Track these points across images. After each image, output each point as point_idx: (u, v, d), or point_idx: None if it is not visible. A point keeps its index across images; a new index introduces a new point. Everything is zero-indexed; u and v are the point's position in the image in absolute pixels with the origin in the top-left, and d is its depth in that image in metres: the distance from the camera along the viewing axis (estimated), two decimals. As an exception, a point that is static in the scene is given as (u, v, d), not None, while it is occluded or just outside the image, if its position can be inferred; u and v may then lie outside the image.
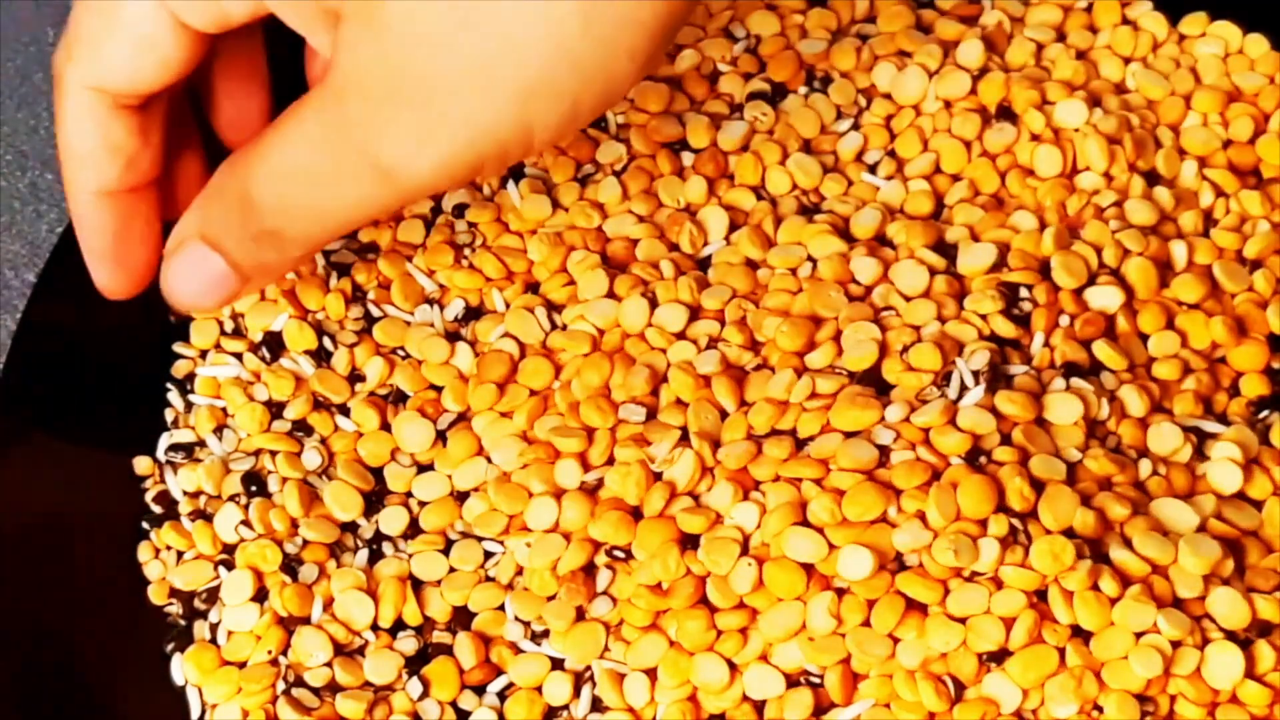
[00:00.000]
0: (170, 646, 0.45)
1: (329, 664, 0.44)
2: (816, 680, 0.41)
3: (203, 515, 0.46)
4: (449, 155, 0.39)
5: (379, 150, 0.39)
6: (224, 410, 0.48)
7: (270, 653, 0.44)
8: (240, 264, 0.42)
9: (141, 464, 0.47)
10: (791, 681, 0.42)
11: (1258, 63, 0.53)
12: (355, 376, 0.48)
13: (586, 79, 0.38)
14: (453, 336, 0.48)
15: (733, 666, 0.42)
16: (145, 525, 0.46)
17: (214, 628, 0.45)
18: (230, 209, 0.41)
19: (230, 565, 0.45)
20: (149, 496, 0.47)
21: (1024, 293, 0.46)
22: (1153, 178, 0.50)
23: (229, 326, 0.49)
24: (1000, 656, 0.41)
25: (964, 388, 0.44)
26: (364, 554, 0.45)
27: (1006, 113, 0.50)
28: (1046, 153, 0.49)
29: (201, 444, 0.48)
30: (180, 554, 0.46)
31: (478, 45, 0.38)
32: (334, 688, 0.44)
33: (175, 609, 0.45)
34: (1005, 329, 0.45)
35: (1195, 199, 0.49)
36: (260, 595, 0.45)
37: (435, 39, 0.38)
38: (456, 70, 0.38)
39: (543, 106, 0.38)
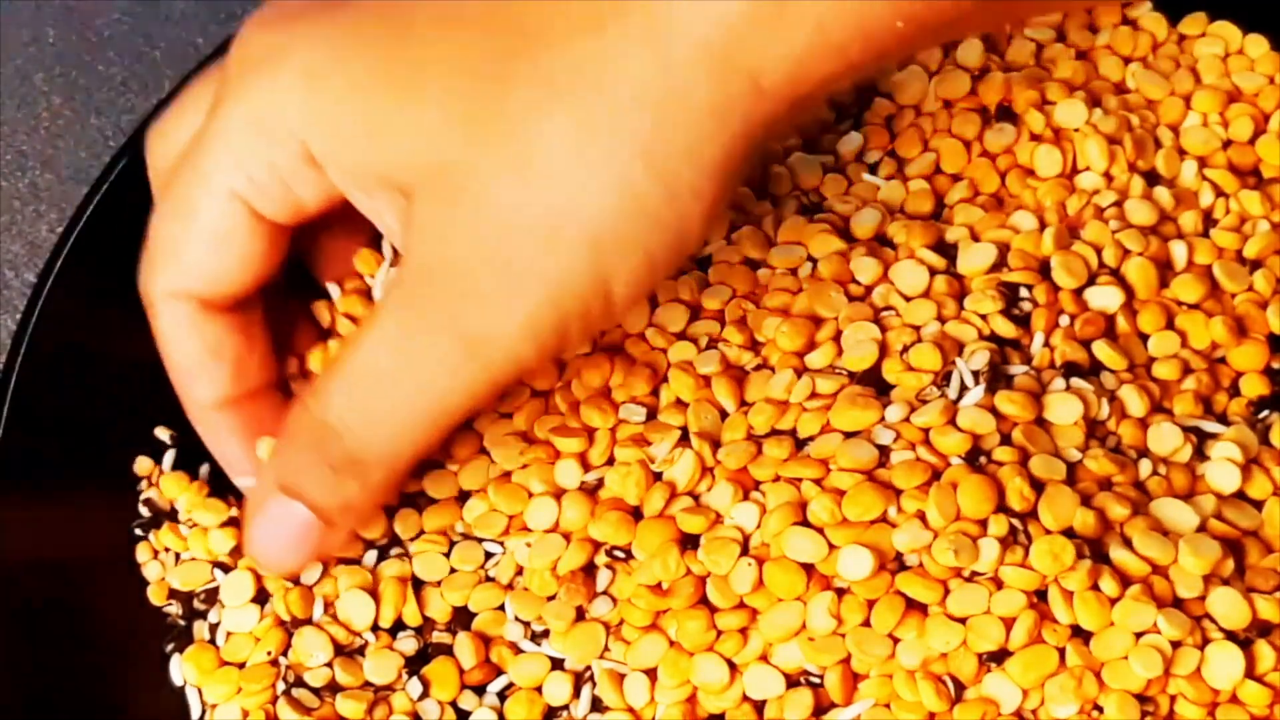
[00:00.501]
0: (170, 646, 0.45)
1: (329, 664, 0.44)
2: (816, 680, 0.41)
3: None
4: (533, 316, 0.38)
5: (466, 322, 0.38)
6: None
7: (270, 653, 0.44)
8: (322, 505, 0.41)
9: (143, 464, 0.47)
10: (791, 681, 0.42)
11: (1258, 63, 0.53)
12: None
13: (656, 225, 0.38)
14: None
15: (733, 666, 0.42)
16: (139, 531, 0.46)
17: (213, 628, 0.45)
18: (305, 445, 0.40)
19: (228, 568, 0.45)
20: (145, 497, 0.47)
21: (1024, 293, 0.46)
22: (1153, 178, 0.50)
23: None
24: (1000, 656, 0.40)
25: (964, 388, 0.44)
26: (372, 555, 0.45)
27: (1006, 113, 0.50)
28: (1046, 153, 0.49)
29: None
30: (178, 555, 0.46)
31: (546, 201, 0.37)
32: (334, 688, 0.44)
33: (175, 609, 0.45)
34: (1005, 329, 0.45)
35: (1195, 199, 0.49)
36: (260, 596, 0.45)
37: (506, 200, 0.37)
38: (529, 228, 0.37)
39: (615, 256, 0.38)
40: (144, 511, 0.47)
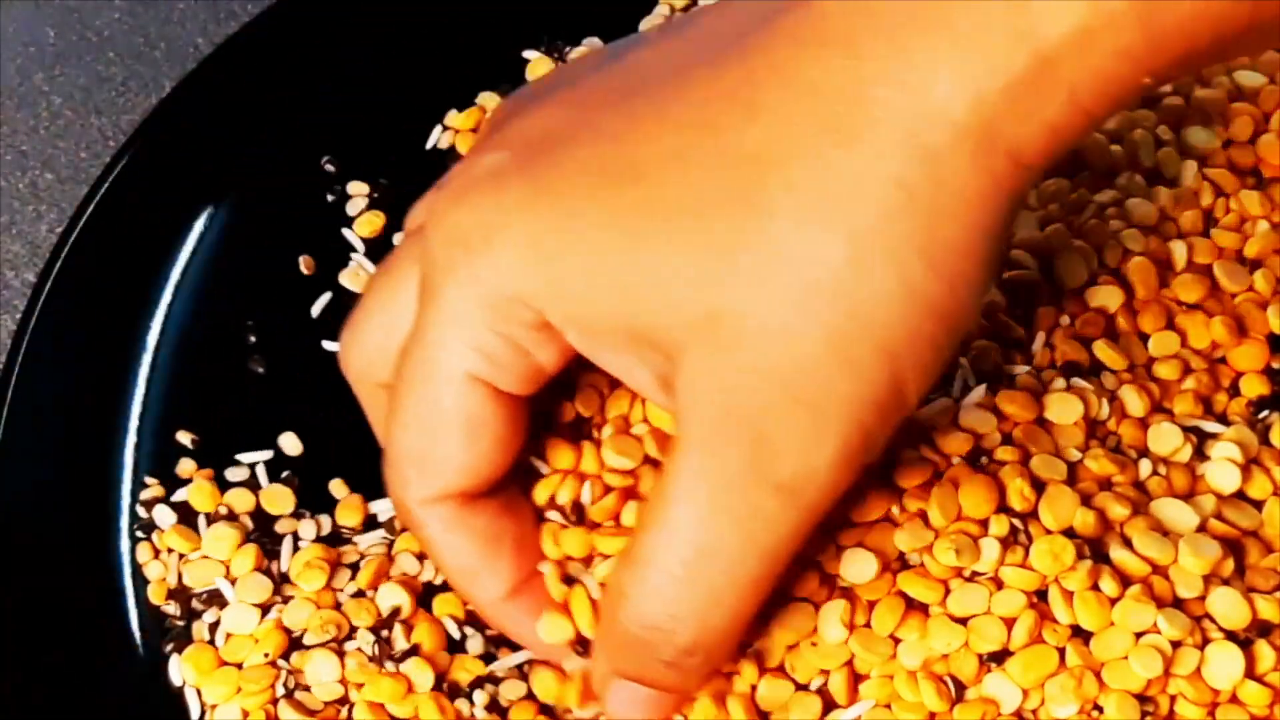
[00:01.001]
0: (170, 647, 0.45)
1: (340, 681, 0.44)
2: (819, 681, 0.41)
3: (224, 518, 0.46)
4: (844, 443, 0.36)
5: (778, 471, 0.36)
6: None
7: (267, 655, 0.44)
8: (669, 685, 0.39)
9: (186, 466, 0.47)
10: (799, 686, 0.41)
11: (1258, 62, 0.53)
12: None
13: (943, 321, 0.36)
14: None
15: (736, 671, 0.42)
16: (140, 531, 0.46)
17: (213, 628, 0.45)
18: (632, 654, 0.38)
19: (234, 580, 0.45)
20: (146, 495, 0.47)
21: (1024, 293, 0.46)
22: (1153, 177, 0.50)
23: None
24: (1000, 656, 0.40)
25: (965, 387, 0.44)
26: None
27: (1006, 112, 0.50)
28: (1047, 152, 0.49)
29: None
30: (182, 555, 0.46)
31: (832, 323, 0.35)
32: (343, 701, 0.44)
33: (173, 609, 0.45)
34: (1005, 329, 0.45)
35: (1195, 199, 0.49)
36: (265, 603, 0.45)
37: (790, 332, 0.35)
38: (820, 356, 0.35)
39: (908, 361, 0.36)
40: (143, 513, 0.47)
